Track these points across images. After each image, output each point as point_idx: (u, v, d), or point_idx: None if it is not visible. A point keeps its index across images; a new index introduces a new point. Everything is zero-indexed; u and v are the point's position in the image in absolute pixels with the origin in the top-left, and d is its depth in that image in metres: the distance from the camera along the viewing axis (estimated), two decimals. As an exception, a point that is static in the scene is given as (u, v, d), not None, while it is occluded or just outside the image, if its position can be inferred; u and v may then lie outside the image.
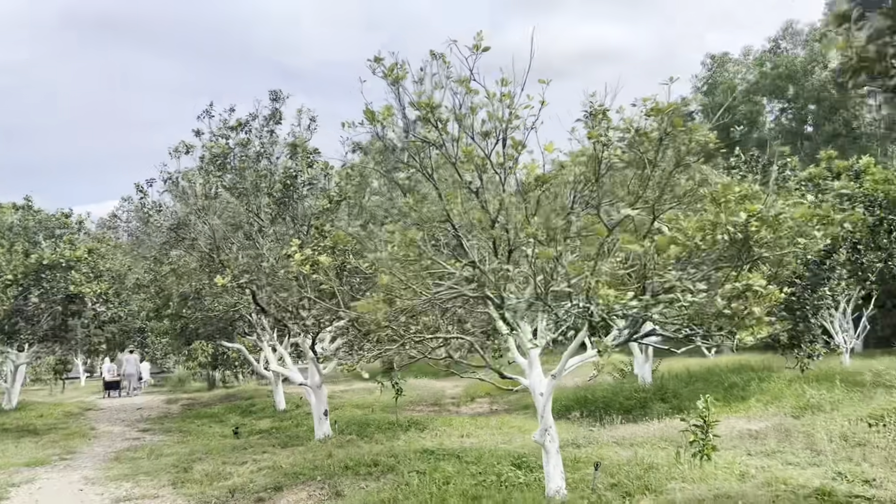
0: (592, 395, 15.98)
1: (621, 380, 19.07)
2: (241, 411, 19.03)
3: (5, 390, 23.57)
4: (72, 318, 16.23)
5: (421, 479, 8.39)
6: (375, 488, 8.38)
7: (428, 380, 23.71)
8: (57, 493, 10.09)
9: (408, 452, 10.31)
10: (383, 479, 8.92)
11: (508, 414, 15.72)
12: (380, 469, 9.48)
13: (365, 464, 9.79)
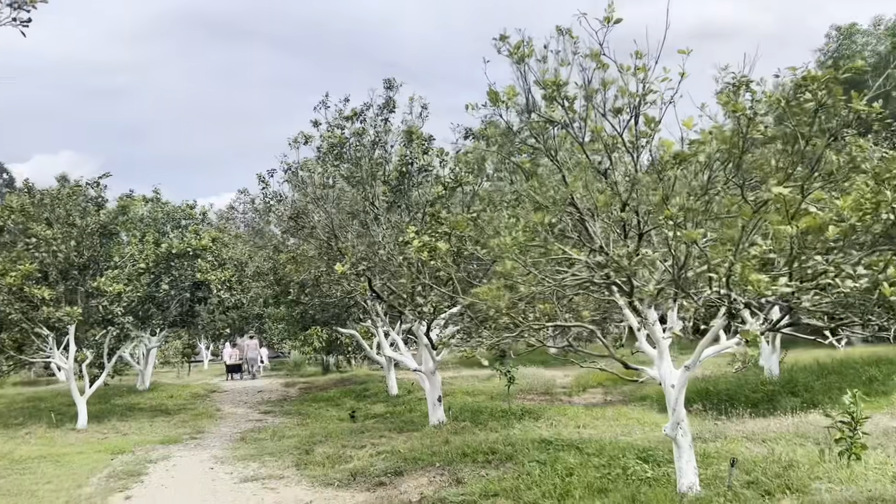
0: (714, 387, 15.24)
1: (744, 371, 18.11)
2: (356, 395, 19.47)
3: (139, 372, 25.28)
4: (198, 304, 17.08)
5: (542, 469, 8.21)
6: (496, 477, 8.27)
7: (537, 368, 23.41)
8: (189, 470, 10.63)
9: (525, 441, 10.15)
10: (502, 468, 8.81)
11: (624, 405, 15.24)
12: (498, 457, 9.37)
13: (482, 451, 9.71)
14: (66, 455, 12.12)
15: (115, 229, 15.80)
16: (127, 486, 9.53)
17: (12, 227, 15.13)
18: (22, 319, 14.40)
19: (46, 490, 9.43)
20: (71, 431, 14.93)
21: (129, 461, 11.40)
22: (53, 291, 14.63)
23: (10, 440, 13.91)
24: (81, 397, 15.69)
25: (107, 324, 15.30)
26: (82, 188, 15.54)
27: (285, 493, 8.75)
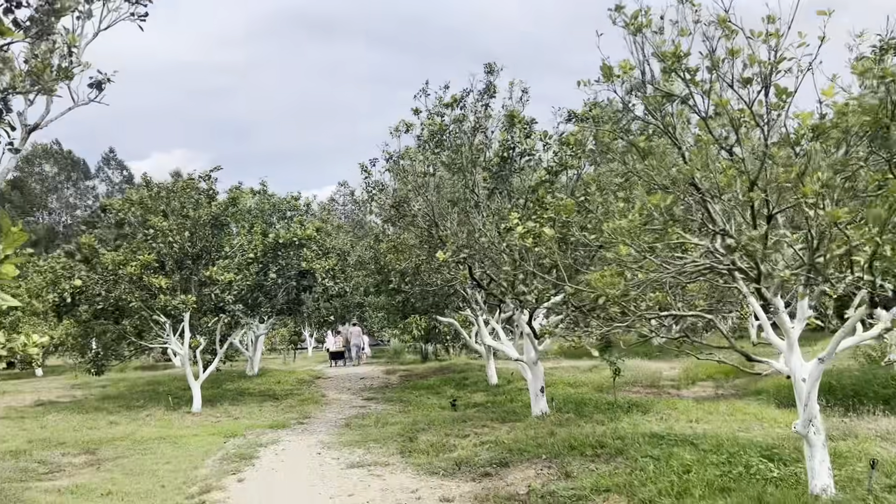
0: (838, 381, 14.19)
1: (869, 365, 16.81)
2: (455, 384, 19.47)
3: (248, 358, 26.33)
4: (303, 292, 17.51)
5: (656, 465, 7.83)
6: (606, 471, 7.95)
7: (640, 360, 22.67)
8: (298, 454, 10.87)
9: (634, 435, 9.75)
10: (613, 463, 8.47)
11: (738, 399, 14.45)
12: (607, 451, 9.04)
13: (590, 444, 9.40)
14: (183, 437, 12.70)
15: (225, 220, 16.41)
16: (239, 468, 9.83)
17: (132, 219, 15.99)
18: (141, 307, 15.20)
19: (165, 470, 9.87)
20: (187, 414, 15.67)
21: (240, 444, 11.80)
22: (169, 280, 15.36)
23: (133, 422, 14.74)
24: (196, 382, 16.43)
25: (219, 311, 15.93)
26: (195, 181, 16.23)
27: (391, 480, 8.76)
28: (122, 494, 8.50)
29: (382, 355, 37.53)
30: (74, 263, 15.51)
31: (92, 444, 12.14)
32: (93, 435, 13.06)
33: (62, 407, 17.31)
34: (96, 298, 14.90)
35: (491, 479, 8.50)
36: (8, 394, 21.78)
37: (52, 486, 9.06)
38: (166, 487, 8.82)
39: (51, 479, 9.72)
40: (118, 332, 16.64)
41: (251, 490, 8.60)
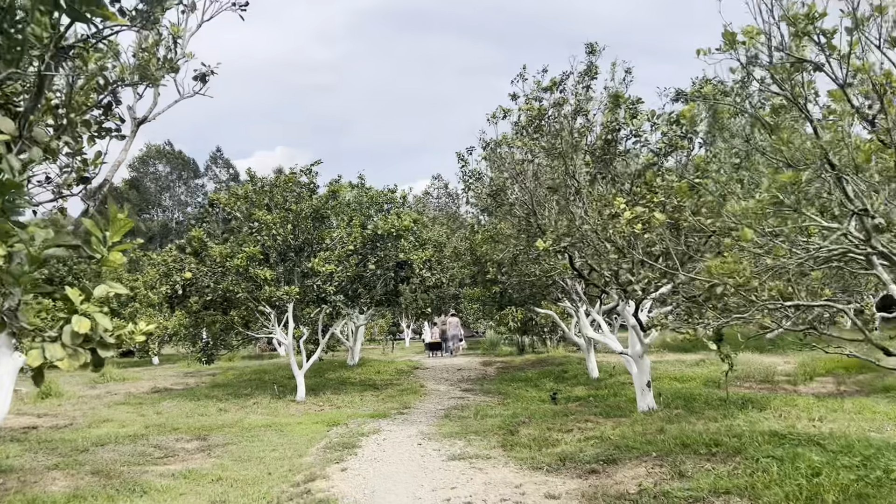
0: (982, 379, 12.90)
1: None
2: (554, 377, 19.08)
3: (349, 348, 26.85)
4: (401, 283, 17.59)
5: (780, 466, 7.25)
6: (724, 472, 7.45)
7: (752, 354, 21.50)
8: (399, 444, 10.85)
9: (752, 434, 9.12)
10: (730, 463, 7.93)
11: (864, 396, 13.38)
12: (723, 450, 8.48)
13: (704, 443, 8.86)
14: (288, 425, 12.98)
15: (325, 213, 16.69)
16: (342, 457, 9.90)
17: (238, 214, 16.51)
18: (248, 298, 15.69)
19: (272, 457, 10.07)
20: (291, 403, 16.06)
21: (343, 433, 11.93)
22: (274, 272, 15.76)
23: (241, 409, 15.24)
24: (300, 371, 16.82)
25: (321, 302, 16.22)
26: (296, 175, 16.58)
27: (493, 474, 8.56)
28: (232, 481, 8.70)
29: (478, 347, 37.47)
30: (185, 257, 16.18)
31: (203, 431, 12.60)
32: (204, 421, 13.58)
33: (176, 394, 18.17)
34: (205, 290, 15.49)
35: (598, 476, 8.15)
36: (128, 381, 23.12)
37: (167, 471, 9.41)
38: (273, 475, 8.97)
39: (165, 463, 10.12)
40: (226, 322, 17.26)
41: (354, 479, 8.62)
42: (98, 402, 17.05)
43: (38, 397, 17.71)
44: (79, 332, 2.80)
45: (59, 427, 13.55)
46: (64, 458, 10.33)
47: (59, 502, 7.64)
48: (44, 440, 11.98)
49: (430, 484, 8.24)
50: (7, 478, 9.04)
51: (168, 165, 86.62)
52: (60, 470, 9.51)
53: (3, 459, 10.11)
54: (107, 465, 9.74)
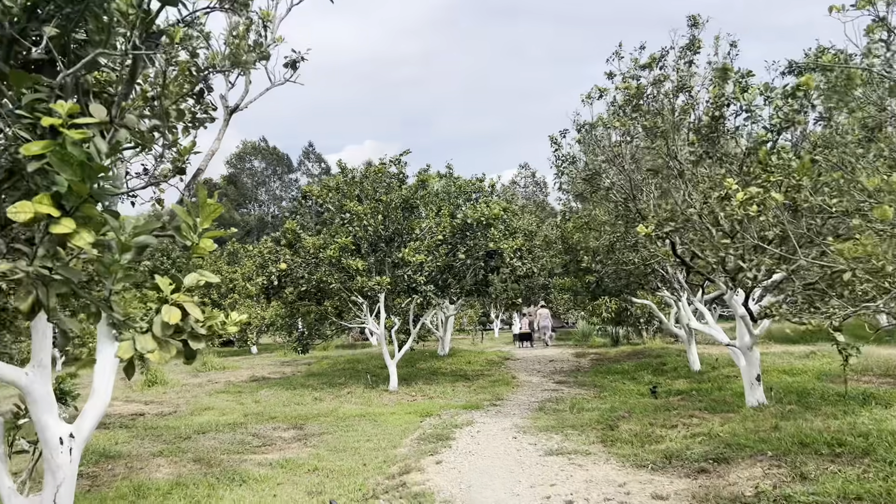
0: None
1: None
2: (652, 370, 18.34)
3: (439, 338, 26.85)
4: (491, 273, 17.32)
5: (919, 472, 6.54)
6: (853, 475, 6.78)
7: (869, 346, 20.00)
8: (493, 437, 10.60)
9: (881, 433, 8.33)
10: (859, 465, 7.24)
11: None
12: (848, 451, 7.76)
13: (825, 442, 8.15)
14: (381, 415, 12.98)
15: (415, 203, 16.61)
16: (436, 449, 9.74)
17: (330, 206, 16.66)
18: (341, 288, 15.81)
19: (366, 448, 10.03)
20: (384, 392, 16.11)
21: (436, 424, 11.79)
22: (365, 262, 15.82)
23: (336, 398, 15.40)
24: (392, 361, 16.85)
25: (411, 292, 16.17)
26: (386, 166, 16.56)
27: (594, 471, 8.17)
28: (327, 471, 8.69)
29: (568, 338, 36.79)
30: (280, 248, 16.48)
31: (299, 420, 12.76)
32: (300, 410, 13.77)
33: (273, 383, 18.61)
34: (300, 281, 15.72)
35: (708, 476, 7.62)
36: (228, 370, 23.94)
37: (265, 460, 9.52)
38: (368, 466, 8.91)
39: (263, 451, 10.26)
40: (320, 312, 17.50)
41: (449, 473, 8.43)
42: (200, 391, 17.67)
43: (145, 385, 18.55)
44: (169, 323, 2.67)
45: (163, 414, 14.08)
46: (168, 445, 10.66)
47: (163, 490, 7.81)
48: (150, 427, 12.45)
49: (528, 480, 7.94)
50: (115, 464, 9.39)
51: (263, 161, 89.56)
52: (164, 457, 9.80)
53: (112, 446, 10.53)
54: (208, 453, 9.97)
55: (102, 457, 9.71)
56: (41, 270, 2.51)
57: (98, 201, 2.66)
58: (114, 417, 13.82)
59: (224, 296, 37.22)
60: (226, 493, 7.78)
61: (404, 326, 18.66)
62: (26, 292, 2.61)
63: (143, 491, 7.81)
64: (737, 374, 16.31)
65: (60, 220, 2.50)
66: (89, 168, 2.53)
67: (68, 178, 2.48)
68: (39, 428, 4.58)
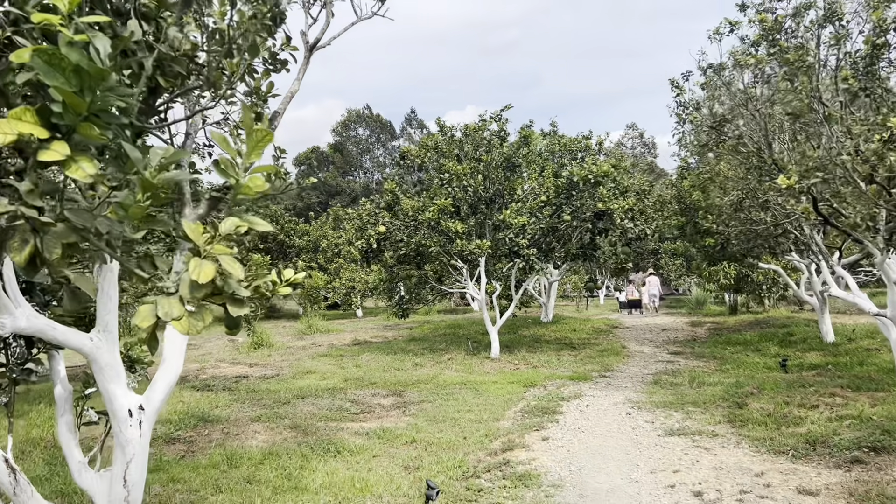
0: None
1: None
2: (778, 340, 16.76)
3: (542, 304, 25.96)
4: (599, 235, 16.23)
5: None
6: None
7: None
8: (604, 413, 9.75)
9: None
10: None
11: None
12: None
13: None
14: (483, 384, 12.37)
15: (517, 162, 15.67)
16: (542, 424, 9.01)
17: (428, 164, 16.03)
18: (440, 252, 15.22)
19: (467, 419, 9.44)
20: (486, 360, 15.50)
21: (541, 396, 11.06)
22: (465, 225, 15.13)
23: (436, 364, 14.93)
24: (493, 327, 16.20)
25: (513, 256, 15.38)
26: (487, 123, 15.68)
27: (724, 456, 7.19)
28: (426, 444, 8.15)
29: (680, 306, 34.94)
30: (380, 211, 16.06)
31: (399, 386, 12.36)
32: (399, 376, 13.39)
33: (374, 347, 18.41)
34: (399, 244, 15.25)
35: (864, 468, 6.49)
36: (332, 332, 24.10)
37: (361, 429, 9.11)
38: (468, 440, 8.30)
39: (361, 420, 9.87)
40: (420, 276, 17.03)
41: (557, 452, 7.68)
42: (303, 354, 17.71)
43: (251, 347, 18.82)
44: (199, 282, 2.03)
45: (266, 377, 14.06)
46: (266, 409, 10.47)
47: (256, 459, 7.50)
48: (251, 390, 12.40)
49: (647, 464, 7.07)
50: (213, 428, 9.24)
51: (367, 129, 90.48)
52: (262, 423, 9.59)
53: (212, 409, 10.45)
54: (305, 420, 9.68)
55: (201, 421, 9.61)
56: (27, 211, 1.90)
57: (108, 123, 2.03)
58: (219, 379, 13.94)
59: (330, 260, 37.78)
60: (319, 464, 7.37)
61: (506, 292, 17.93)
62: (21, 241, 2.03)
63: (236, 459, 7.54)
64: (879, 347, 14.59)
65: (51, 143, 1.89)
66: (86, 74, 1.89)
67: (58, 87, 1.85)
68: (107, 398, 4.16)
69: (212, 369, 15.56)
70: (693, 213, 16.59)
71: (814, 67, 7.53)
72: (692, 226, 17.03)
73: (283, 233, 40.45)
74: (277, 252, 41.70)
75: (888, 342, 15.00)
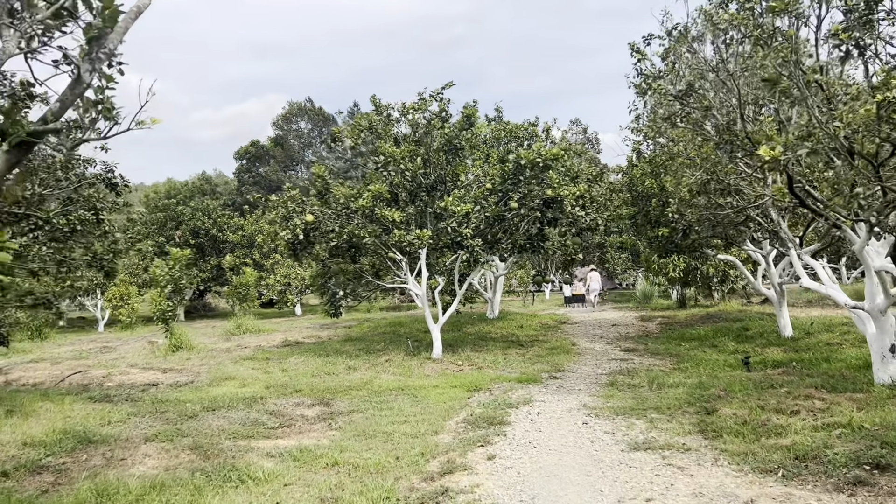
0: None
1: None
2: (734, 335, 15.96)
3: (488, 300, 24.80)
4: (548, 225, 15.07)
5: None
6: None
7: None
8: (558, 422, 8.55)
9: None
10: None
11: None
12: None
13: None
14: (422, 389, 11.07)
15: (460, 144, 14.35)
16: (487, 438, 7.75)
17: (363, 147, 14.59)
18: (375, 243, 13.80)
19: (401, 433, 8.11)
20: (427, 361, 14.19)
21: (486, 403, 9.81)
22: (403, 214, 13.76)
23: (372, 367, 13.54)
24: (435, 325, 14.91)
25: (456, 247, 14.10)
26: (426, 101, 14.30)
27: (703, 477, 6.04)
28: (350, 466, 6.80)
29: (626, 300, 34.38)
30: (308, 199, 14.54)
31: (327, 394, 10.96)
32: (329, 382, 11.97)
33: (305, 349, 16.87)
34: (330, 235, 13.76)
35: (871, 491, 5.42)
36: (263, 332, 22.43)
37: (276, 448, 7.68)
38: (401, 460, 6.97)
39: (278, 435, 8.45)
40: (355, 271, 15.59)
41: (506, 475, 6.42)
42: (226, 357, 16.07)
43: (169, 350, 17.07)
44: None
45: (179, 385, 12.45)
46: (167, 425, 8.93)
47: (133, 494, 6.01)
48: (158, 400, 10.80)
49: (613, 490, 5.86)
50: (95, 452, 7.66)
51: (309, 122, 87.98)
52: (157, 443, 8.05)
53: (100, 427, 8.85)
54: (210, 438, 8.19)
55: (82, 442, 8.00)
56: None
57: None
58: (124, 388, 12.28)
59: (266, 256, 35.85)
60: (214, 499, 5.94)
61: (449, 287, 16.63)
62: None
63: (109, 495, 6.03)
64: (839, 341, 13.87)
65: None
66: None
67: None
68: None
69: (120, 376, 13.81)
70: (645, 201, 15.60)
71: (802, 17, 6.48)
72: (643, 215, 16.06)
73: (215, 227, 38.30)
74: (210, 247, 39.52)
75: (849, 336, 14.35)
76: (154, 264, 18.65)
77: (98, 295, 31.49)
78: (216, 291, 41.18)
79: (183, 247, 36.45)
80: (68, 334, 29.10)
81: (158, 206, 39.07)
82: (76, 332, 30.78)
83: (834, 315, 18.02)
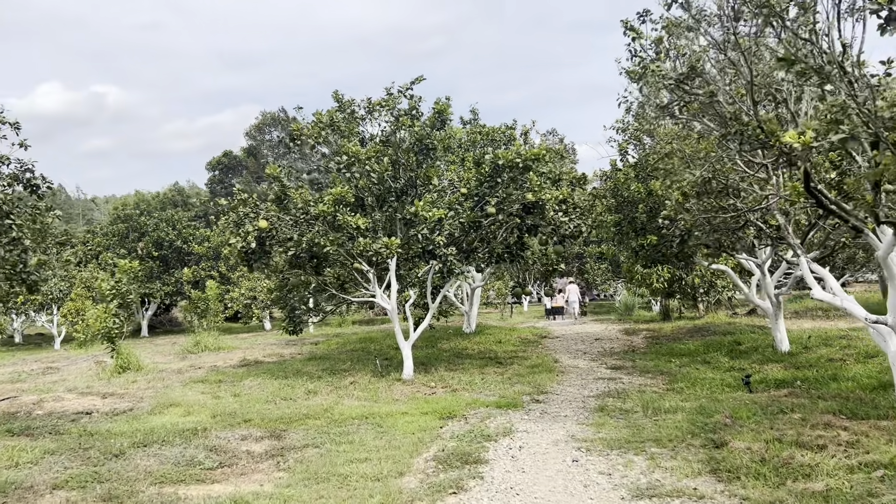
0: None
1: None
2: (727, 350, 14.90)
3: (464, 314, 23.54)
4: (528, 233, 13.90)
5: None
6: None
7: None
8: (543, 459, 7.33)
9: None
10: None
11: None
12: None
13: None
14: (389, 416, 9.80)
15: (432, 144, 13.14)
16: (461, 482, 6.50)
17: (325, 148, 13.32)
18: (339, 252, 12.50)
19: (360, 476, 6.84)
20: (396, 382, 12.89)
21: (461, 434, 8.55)
22: (368, 220, 12.50)
23: (335, 391, 12.22)
24: (406, 343, 13.64)
25: (429, 256, 12.85)
26: (394, 97, 13.07)
27: (727, 540, 4.85)
28: (291, 525, 5.51)
29: (605, 311, 33.38)
30: (263, 204, 13.22)
31: (280, 424, 9.63)
32: (285, 409, 10.62)
33: (264, 369, 15.47)
34: (287, 243, 12.45)
35: (945, 560, 4.26)
36: (222, 350, 20.97)
37: (210, 495, 6.37)
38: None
39: (215, 478, 7.13)
40: (318, 283, 14.27)
41: (482, 536, 5.17)
42: (176, 379, 14.62)
43: (115, 372, 15.58)
44: None
45: (115, 413, 11.04)
46: (86, 467, 7.57)
47: (1, 575, 4.67)
48: (86, 433, 9.42)
49: (618, 559, 4.64)
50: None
51: (283, 132, 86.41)
52: (66, 491, 6.71)
53: (5, 470, 7.44)
54: (132, 483, 6.86)
55: (-28, 493, 6.62)
56: None
57: None
58: (52, 417, 10.87)
59: (233, 268, 34.30)
60: (109, 578, 4.62)
61: (422, 300, 15.38)
62: None
63: (-28, 576, 4.69)
64: (841, 356, 12.86)
65: None
66: None
67: None
68: None
69: (52, 403, 12.34)
70: (631, 207, 14.51)
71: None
72: (629, 222, 14.96)
73: (179, 239, 36.67)
74: (175, 260, 37.86)
75: (850, 350, 13.33)
76: (100, 277, 17.13)
77: (54, 310, 29.75)
78: (183, 306, 39.52)
79: (145, 259, 34.81)
80: (20, 352, 27.31)
81: (120, 216, 37.34)
82: (30, 349, 28.98)
83: (828, 327, 17.07)
